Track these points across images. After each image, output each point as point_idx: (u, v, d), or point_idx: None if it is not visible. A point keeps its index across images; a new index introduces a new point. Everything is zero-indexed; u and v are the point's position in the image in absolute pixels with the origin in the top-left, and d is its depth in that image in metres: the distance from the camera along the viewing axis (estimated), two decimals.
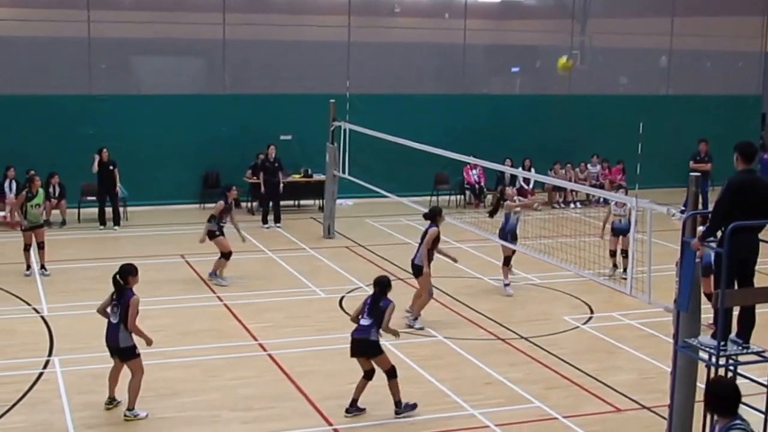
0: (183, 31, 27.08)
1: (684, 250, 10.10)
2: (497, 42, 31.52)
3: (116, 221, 23.64)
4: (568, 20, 30.56)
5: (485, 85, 31.39)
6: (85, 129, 25.01)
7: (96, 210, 23.81)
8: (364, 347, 12.25)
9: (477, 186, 27.80)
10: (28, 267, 18.88)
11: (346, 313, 16.60)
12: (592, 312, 17.24)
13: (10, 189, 23.49)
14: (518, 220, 18.28)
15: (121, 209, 24.11)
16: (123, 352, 12.05)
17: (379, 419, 12.17)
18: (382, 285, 12.45)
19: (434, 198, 26.90)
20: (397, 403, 12.33)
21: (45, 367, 13.71)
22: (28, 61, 25.95)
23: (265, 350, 14.70)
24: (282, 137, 26.62)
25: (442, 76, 30.52)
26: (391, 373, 12.32)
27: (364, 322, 12.28)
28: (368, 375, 12.32)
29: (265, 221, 24.19)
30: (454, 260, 16.98)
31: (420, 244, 16.08)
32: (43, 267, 18.89)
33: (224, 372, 13.76)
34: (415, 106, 28.12)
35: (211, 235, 18.56)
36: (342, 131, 22.48)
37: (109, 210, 23.66)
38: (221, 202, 18.56)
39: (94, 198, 23.97)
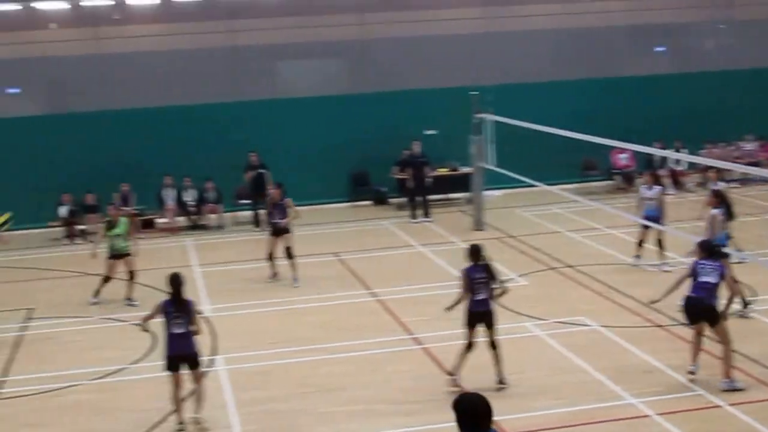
0: (324, 33, 27.62)
1: None
2: (640, 22, 30.90)
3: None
4: None
5: (630, 67, 30.80)
6: (234, 135, 25.77)
7: (250, 213, 24.46)
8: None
9: (626, 170, 27.35)
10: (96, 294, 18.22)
11: (503, 306, 16.63)
12: (755, 294, 16.38)
13: (168, 196, 24.45)
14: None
15: None
16: (197, 357, 12.06)
17: (538, 410, 12.12)
18: None
19: (582, 184, 26.61)
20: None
21: (210, 365, 14.17)
22: (177, 72, 26.94)
23: (419, 344, 14.85)
24: (426, 132, 26.76)
25: (585, 60, 30.12)
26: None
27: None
28: None
29: (414, 216, 24.41)
30: None
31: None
32: (129, 299, 17.98)
33: (381, 366, 13.97)
34: (557, 93, 27.84)
35: None
36: (485, 123, 22.46)
37: (262, 212, 24.27)
38: None
39: (247, 201, 24.64)
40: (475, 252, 12.79)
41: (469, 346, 12.82)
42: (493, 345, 12.83)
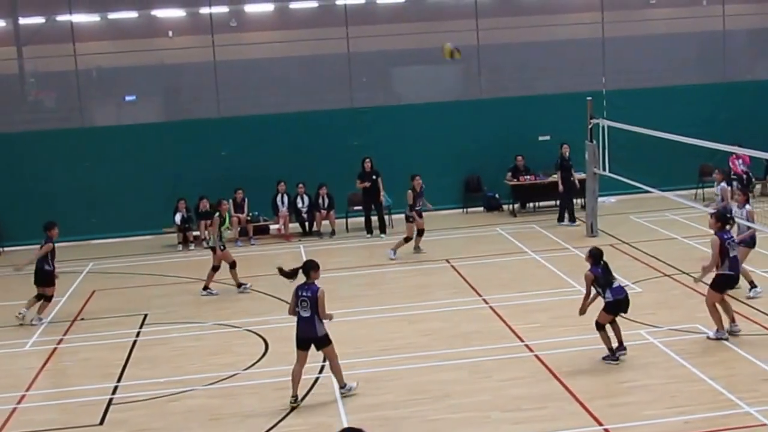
0: (437, 39, 27.61)
1: None
2: (760, 25, 30.13)
3: (382, 229, 24.41)
4: None
5: (749, 72, 30.05)
6: (349, 141, 26.05)
7: (362, 219, 24.70)
8: None
9: (744, 176, 26.67)
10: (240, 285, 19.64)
11: None
12: None
13: (282, 203, 24.83)
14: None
15: (386, 217, 24.89)
16: (321, 340, 13.01)
17: (651, 419, 11.96)
18: None
19: (700, 190, 26.11)
20: None
21: (320, 372, 14.29)
22: (294, 79, 27.36)
23: (531, 351, 14.77)
24: (540, 138, 26.62)
25: (702, 65, 29.51)
26: None
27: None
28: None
29: (561, 219, 24.46)
30: None
31: None
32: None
33: (493, 373, 13.94)
34: (674, 98, 27.33)
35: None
36: (600, 128, 22.22)
37: (374, 219, 24.50)
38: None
39: (360, 207, 24.87)
40: (597, 255, 14.14)
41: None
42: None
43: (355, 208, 25.27)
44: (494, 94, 27.73)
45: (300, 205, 24.99)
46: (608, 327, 14.10)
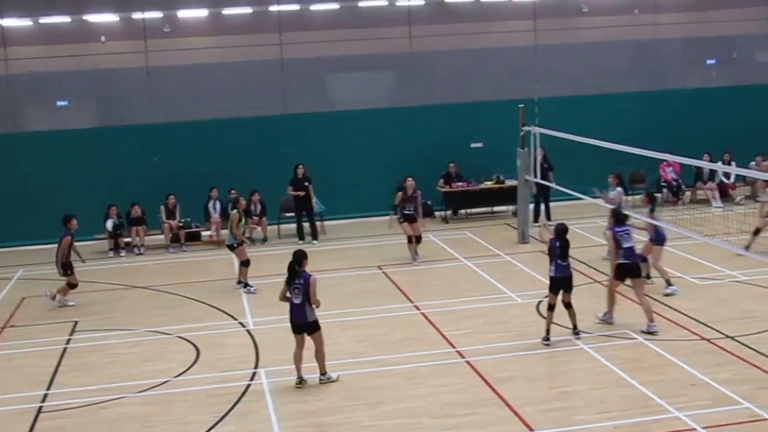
0: (371, 46, 27.66)
1: None
2: (690, 34, 30.63)
3: (314, 235, 24.33)
4: (764, 7, 29.42)
5: (680, 80, 30.52)
6: (282, 147, 25.94)
7: (294, 225, 24.57)
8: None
9: (674, 183, 27.12)
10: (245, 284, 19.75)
11: (543, 317, 16.57)
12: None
13: (215, 209, 24.63)
14: None
15: (318, 224, 24.81)
16: (311, 325, 13.66)
17: (582, 424, 12.07)
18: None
19: (631, 197, 26.41)
20: None
21: (252, 379, 14.26)
22: (227, 85, 27.15)
23: (463, 357, 14.80)
24: (473, 145, 26.77)
25: (635, 73, 29.91)
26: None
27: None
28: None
29: (536, 219, 24.64)
30: None
31: None
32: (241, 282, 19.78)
33: (425, 379, 13.94)
34: (606, 105, 27.67)
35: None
36: (532, 135, 22.39)
37: (306, 225, 24.39)
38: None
39: (292, 214, 24.74)
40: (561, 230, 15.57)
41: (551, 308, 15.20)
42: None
43: (287, 214, 25.15)
44: (427, 101, 27.80)
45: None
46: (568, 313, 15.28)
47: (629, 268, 15.75)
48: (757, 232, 19.83)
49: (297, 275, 13.71)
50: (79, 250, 19.65)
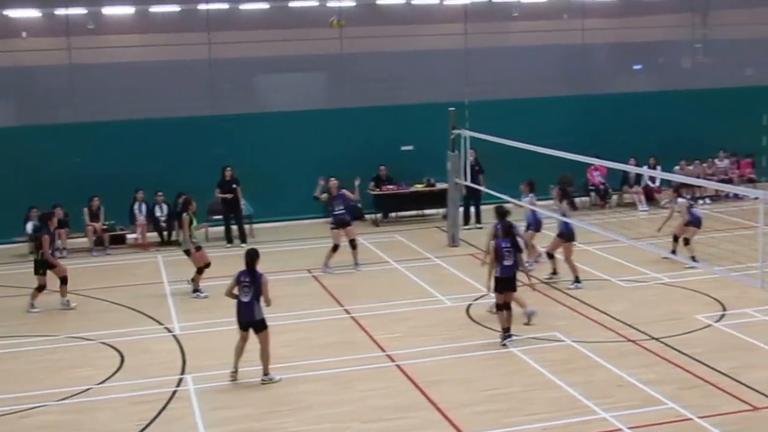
0: (302, 47, 27.47)
1: None
2: (618, 40, 31.00)
3: (242, 238, 24.07)
4: (688, 14, 29.86)
5: (608, 85, 30.81)
6: (211, 149, 25.60)
7: (222, 228, 24.28)
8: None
9: (602, 187, 27.38)
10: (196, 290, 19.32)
11: (474, 321, 16.60)
12: (724, 309, 16.78)
13: (140, 211, 24.25)
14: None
15: (247, 226, 24.55)
16: (259, 323, 13.77)
17: (511, 426, 12.08)
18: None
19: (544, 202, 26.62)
20: None
21: (178, 385, 14.02)
22: (154, 85, 26.69)
23: (393, 361, 14.73)
24: (403, 148, 26.73)
25: (563, 77, 30.15)
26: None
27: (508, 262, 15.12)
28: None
29: (467, 222, 24.77)
30: None
31: None
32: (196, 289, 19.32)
33: (355, 384, 13.85)
34: (536, 109, 27.83)
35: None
36: (462, 139, 22.42)
37: (235, 228, 24.13)
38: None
39: (220, 217, 24.45)
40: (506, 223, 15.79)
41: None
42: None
43: (215, 217, 24.85)
44: (358, 103, 27.68)
45: (159, 213, 24.44)
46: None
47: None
48: (676, 238, 20.09)
49: (246, 272, 13.82)
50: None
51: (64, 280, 18.63)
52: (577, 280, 18.44)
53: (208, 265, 19.33)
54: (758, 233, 12.50)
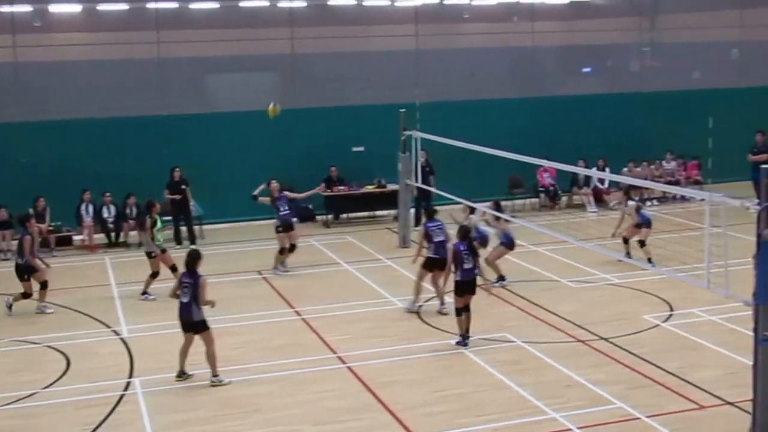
0: (252, 47, 27.37)
1: (761, 244, 9.93)
2: (567, 43, 31.26)
3: (192, 240, 23.88)
4: (636, 18, 30.15)
5: (557, 87, 31.04)
6: (159, 149, 25.32)
7: (171, 230, 24.02)
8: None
9: (551, 188, 27.55)
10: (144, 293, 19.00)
11: (425, 322, 16.60)
12: (672, 309, 16.98)
13: (87, 212, 23.92)
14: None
15: (196, 227, 24.36)
16: (198, 324, 13.73)
17: (462, 426, 12.11)
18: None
19: (508, 202, 26.72)
20: None
21: (126, 388, 13.86)
22: (101, 84, 26.39)
23: (344, 363, 14.69)
24: (354, 149, 26.68)
25: (513, 79, 30.32)
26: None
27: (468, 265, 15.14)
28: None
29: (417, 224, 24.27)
30: None
31: None
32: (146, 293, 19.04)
33: (306, 386, 13.78)
34: (486, 111, 27.90)
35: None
36: (413, 140, 22.43)
37: (184, 229, 23.92)
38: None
39: (169, 218, 24.18)
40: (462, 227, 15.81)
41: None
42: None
43: (165, 218, 24.52)
44: (309, 103, 27.57)
45: (106, 215, 24.15)
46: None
47: (436, 261, 16.74)
48: (626, 241, 20.25)
49: (187, 274, 13.82)
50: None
51: (44, 285, 18.12)
52: (501, 279, 18.78)
53: (174, 267, 18.77)
54: (704, 234, 12.60)
